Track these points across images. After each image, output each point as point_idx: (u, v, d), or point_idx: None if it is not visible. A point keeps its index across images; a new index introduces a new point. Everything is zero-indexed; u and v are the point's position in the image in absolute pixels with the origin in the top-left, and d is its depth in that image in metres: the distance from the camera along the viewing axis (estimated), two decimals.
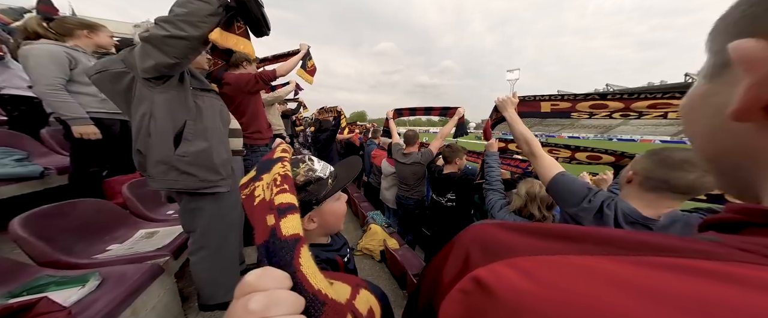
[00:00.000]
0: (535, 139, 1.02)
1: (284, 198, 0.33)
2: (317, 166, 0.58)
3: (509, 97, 1.23)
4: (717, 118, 0.19)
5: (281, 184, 0.37)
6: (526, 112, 1.34)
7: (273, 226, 0.29)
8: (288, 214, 0.30)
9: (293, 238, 0.27)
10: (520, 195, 1.36)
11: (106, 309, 0.88)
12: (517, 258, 0.16)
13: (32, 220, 1.15)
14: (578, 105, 1.23)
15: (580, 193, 0.81)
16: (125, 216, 1.55)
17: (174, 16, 0.94)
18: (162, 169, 1.13)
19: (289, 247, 0.26)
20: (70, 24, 1.76)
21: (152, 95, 1.09)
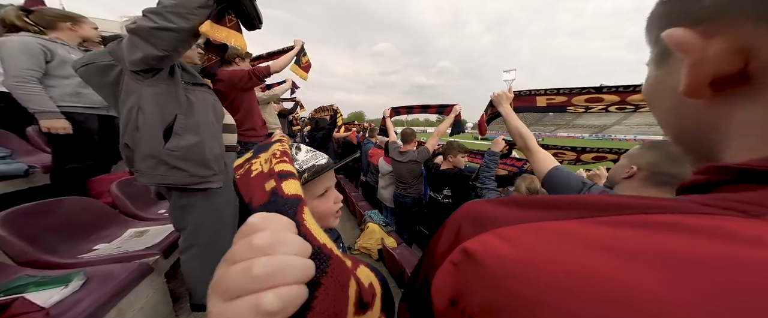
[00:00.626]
0: (531, 133, 1.02)
1: (285, 167, 0.32)
2: (300, 157, 0.55)
3: (504, 92, 1.22)
4: (674, 99, 0.20)
5: (281, 157, 0.35)
6: (521, 107, 1.34)
7: (274, 188, 0.27)
8: (290, 179, 0.29)
9: (295, 197, 0.25)
10: (519, 191, 1.35)
11: (90, 309, 0.84)
12: (502, 228, 0.17)
13: (12, 219, 1.10)
14: (574, 99, 1.23)
15: (575, 187, 0.81)
16: (113, 215, 1.50)
17: (162, 7, 0.91)
18: (151, 163, 1.09)
19: (292, 203, 0.24)
20: (51, 16, 1.69)
21: (141, 88, 1.05)
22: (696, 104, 0.18)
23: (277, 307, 0.14)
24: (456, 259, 0.18)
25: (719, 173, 0.16)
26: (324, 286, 0.17)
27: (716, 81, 0.16)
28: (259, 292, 0.14)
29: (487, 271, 0.15)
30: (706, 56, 0.16)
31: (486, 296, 0.15)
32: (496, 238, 0.16)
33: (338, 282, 0.19)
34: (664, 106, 0.22)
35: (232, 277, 0.15)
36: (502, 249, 0.16)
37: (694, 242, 0.12)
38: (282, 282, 0.15)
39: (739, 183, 0.15)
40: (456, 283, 0.17)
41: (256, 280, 0.14)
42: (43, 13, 1.69)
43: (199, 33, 1.00)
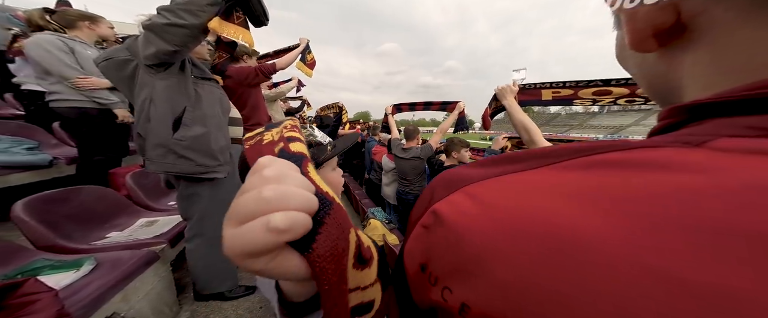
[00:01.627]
0: (536, 126, 0.99)
1: (294, 134, 0.33)
2: (318, 133, 0.60)
3: (508, 86, 1.19)
4: (635, 56, 0.21)
5: (291, 128, 0.37)
6: (526, 101, 1.30)
7: (281, 148, 0.28)
8: (296, 142, 0.30)
9: (300, 154, 0.26)
10: None
11: (96, 293, 0.88)
12: (469, 185, 0.17)
13: (34, 205, 1.18)
14: (581, 92, 1.17)
15: None
16: (126, 204, 1.58)
17: (175, 5, 0.97)
18: (160, 152, 1.15)
19: (297, 157, 0.25)
20: (71, 15, 1.81)
21: (153, 81, 1.11)
22: (651, 58, 0.19)
23: (285, 225, 0.15)
24: (426, 221, 0.18)
25: (675, 115, 0.17)
26: (327, 225, 0.18)
27: (658, 34, 0.16)
28: (269, 214, 0.15)
29: (450, 229, 0.16)
30: (638, 12, 0.16)
31: (450, 256, 0.15)
32: (463, 196, 0.16)
33: (339, 225, 0.19)
34: (631, 65, 0.23)
35: (244, 201, 0.16)
36: (465, 206, 0.16)
37: (629, 175, 0.12)
38: (288, 207, 0.16)
39: (693, 121, 0.15)
40: (425, 247, 0.18)
41: (267, 201, 0.15)
42: (65, 13, 1.81)
43: (208, 29, 1.05)
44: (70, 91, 1.74)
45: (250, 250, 0.15)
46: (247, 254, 0.15)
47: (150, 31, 1.00)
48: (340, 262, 0.19)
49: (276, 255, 0.16)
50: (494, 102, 1.33)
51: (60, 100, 1.76)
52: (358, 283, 0.23)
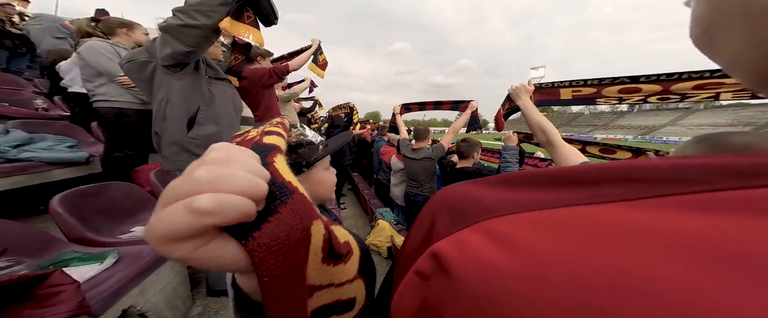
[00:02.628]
0: (553, 127, 0.92)
1: (275, 129, 0.32)
2: (308, 132, 0.58)
3: (523, 85, 1.12)
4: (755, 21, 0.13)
5: (276, 125, 0.36)
6: (544, 101, 1.22)
7: (255, 141, 0.27)
8: (274, 135, 0.29)
9: (271, 146, 0.25)
10: None
11: (116, 286, 0.94)
12: (492, 220, 0.12)
13: (69, 199, 1.28)
14: (605, 90, 1.05)
15: None
16: (150, 200, 1.68)
17: (188, 6, 1.00)
18: (175, 150, 1.20)
19: (266, 148, 0.24)
20: (112, 23, 1.98)
21: (170, 81, 1.16)
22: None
23: (208, 206, 0.13)
24: (424, 268, 0.14)
25: None
26: (280, 214, 0.17)
27: None
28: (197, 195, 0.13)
29: (466, 287, 0.11)
30: None
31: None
32: (480, 235, 0.12)
33: (298, 215, 0.18)
34: (735, 39, 0.15)
35: (174, 183, 0.14)
36: (489, 253, 0.11)
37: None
38: (223, 189, 0.14)
39: None
40: (420, 307, 0.13)
41: (196, 182, 0.14)
42: (107, 22, 1.99)
43: (220, 29, 1.07)
44: (113, 92, 1.91)
45: (169, 233, 0.13)
46: (166, 238, 0.13)
47: (166, 32, 1.04)
48: (290, 254, 0.17)
49: (205, 242, 0.14)
50: (508, 102, 1.26)
51: (103, 100, 1.94)
52: (330, 280, 0.21)
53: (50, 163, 1.76)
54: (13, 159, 1.64)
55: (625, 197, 0.09)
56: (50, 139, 1.92)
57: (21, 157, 1.67)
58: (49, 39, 4.20)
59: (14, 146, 1.71)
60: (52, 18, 4.54)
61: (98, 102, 1.96)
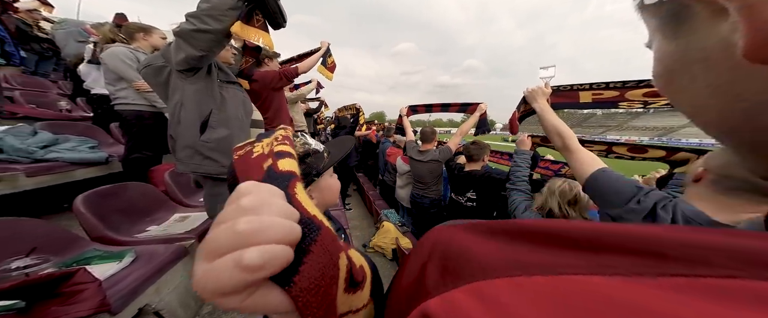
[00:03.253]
0: (571, 131, 0.90)
1: (284, 147, 0.32)
2: (312, 141, 0.58)
3: (540, 88, 1.10)
4: (715, 74, 0.13)
5: (282, 140, 0.36)
6: (561, 104, 1.19)
7: (270, 165, 0.28)
8: (286, 157, 0.29)
9: (289, 173, 0.26)
10: (542, 191, 1.22)
11: (134, 284, 0.99)
12: (485, 281, 0.11)
13: (91, 199, 1.35)
14: (628, 93, 1.01)
15: (626, 192, 0.68)
16: (164, 200, 1.75)
17: (200, 11, 1.02)
18: (188, 153, 1.23)
19: (284, 178, 0.25)
20: (131, 28, 2.07)
21: (184, 85, 1.19)
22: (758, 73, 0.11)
23: (258, 262, 0.13)
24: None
25: None
26: (313, 253, 0.17)
27: None
28: (243, 249, 0.14)
29: None
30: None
31: None
32: (471, 298, 0.11)
33: (328, 251, 0.18)
34: (701, 88, 0.15)
35: (216, 235, 0.15)
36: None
37: None
38: (265, 240, 0.14)
39: None
40: None
41: (240, 236, 0.14)
42: (127, 27, 2.08)
43: (231, 34, 1.09)
44: (134, 96, 2.00)
45: (222, 289, 0.13)
46: (219, 293, 0.14)
47: (179, 37, 1.07)
48: (327, 294, 0.17)
49: (252, 292, 0.14)
50: (523, 105, 1.23)
51: (124, 103, 2.03)
52: (349, 307, 0.22)
53: (73, 163, 1.85)
54: (40, 159, 1.73)
55: (637, 271, 0.08)
56: (73, 140, 2.02)
57: (47, 158, 1.76)
58: (73, 43, 4.40)
59: (41, 147, 1.80)
60: (75, 22, 4.76)
61: (120, 105, 2.06)
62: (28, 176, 1.61)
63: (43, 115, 2.72)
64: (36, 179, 1.65)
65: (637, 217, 0.65)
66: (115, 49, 1.94)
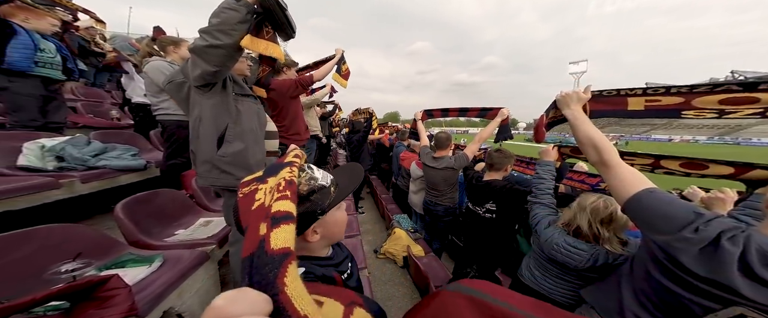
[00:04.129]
0: (610, 144, 0.78)
1: (282, 205, 0.32)
2: (318, 174, 0.57)
3: (576, 92, 0.96)
4: None
5: (284, 189, 0.36)
6: (601, 111, 1.01)
7: (263, 237, 0.28)
8: (282, 223, 0.29)
9: (281, 253, 0.25)
10: (571, 206, 1.10)
11: (160, 289, 1.08)
12: None
13: (129, 205, 1.50)
14: (698, 100, 0.82)
15: (680, 217, 0.58)
16: (191, 205, 1.89)
17: (211, 26, 1.04)
18: (207, 167, 1.29)
19: (275, 262, 0.25)
20: (164, 42, 2.23)
21: (202, 100, 1.23)
22: None
23: None
24: None
25: None
26: None
27: None
28: None
29: None
30: None
31: None
32: None
33: None
34: None
35: None
36: None
37: None
38: None
39: None
40: None
41: None
42: (160, 41, 2.24)
43: (242, 47, 1.10)
44: (175, 107, 2.17)
45: None
46: None
47: (194, 53, 1.09)
48: None
49: None
50: (553, 110, 1.09)
51: (165, 113, 2.22)
52: None
53: (118, 170, 2.08)
54: (92, 167, 1.97)
55: None
56: (119, 149, 2.27)
57: (98, 165, 2.00)
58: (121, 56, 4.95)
59: (93, 155, 2.05)
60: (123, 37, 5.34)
61: (161, 115, 2.25)
62: (83, 182, 1.84)
63: (98, 123, 3.10)
64: (89, 185, 1.87)
65: (693, 248, 0.55)
66: (155, 62, 2.11)
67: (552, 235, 1.11)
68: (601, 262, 0.98)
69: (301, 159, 0.57)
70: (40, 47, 2.13)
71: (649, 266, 0.67)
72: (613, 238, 0.98)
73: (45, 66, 2.17)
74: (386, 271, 2.09)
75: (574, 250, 1.03)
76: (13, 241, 1.02)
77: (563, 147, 1.41)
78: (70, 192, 1.76)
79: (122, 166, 2.11)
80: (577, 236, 1.06)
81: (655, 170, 1.25)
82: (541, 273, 1.20)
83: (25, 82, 2.11)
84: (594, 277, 1.02)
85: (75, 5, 3.90)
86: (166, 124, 2.26)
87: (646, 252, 0.69)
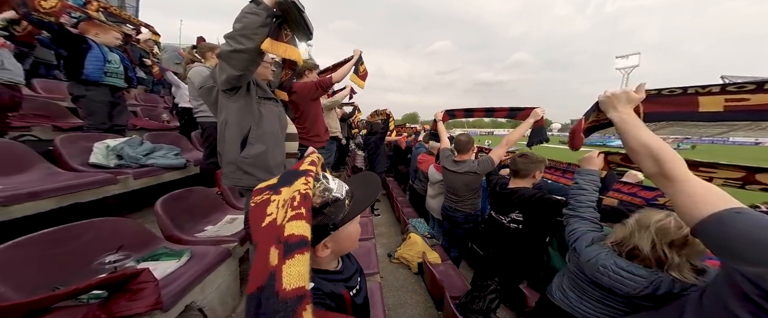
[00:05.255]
0: (674, 152, 0.64)
1: (297, 228, 0.30)
2: (333, 185, 0.54)
3: (626, 91, 0.80)
4: None
5: (298, 206, 0.34)
6: (662, 114, 0.83)
7: (273, 270, 0.26)
8: (296, 253, 0.27)
9: (295, 297, 0.23)
10: (626, 223, 0.93)
11: (185, 283, 1.17)
12: None
13: (167, 202, 1.67)
14: None
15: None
16: (220, 202, 2.05)
17: (234, 31, 1.09)
18: (231, 168, 1.36)
19: (288, 310, 0.22)
20: (204, 48, 2.44)
21: (228, 104, 1.30)
22: None
23: None
24: None
25: None
26: None
27: None
28: None
29: None
30: None
31: None
32: None
33: None
34: None
35: None
36: None
37: None
38: None
39: None
40: None
41: None
42: (201, 47, 2.46)
43: (263, 51, 1.14)
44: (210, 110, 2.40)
45: None
46: None
47: (221, 58, 1.15)
48: None
49: None
50: (595, 113, 0.93)
51: (205, 116, 2.43)
52: None
53: (164, 168, 2.33)
54: (143, 165, 2.24)
55: None
56: (165, 148, 2.55)
57: (148, 163, 2.27)
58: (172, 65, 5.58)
59: (144, 154, 2.33)
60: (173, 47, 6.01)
61: (201, 117, 2.47)
62: (135, 179, 2.09)
63: (152, 126, 3.53)
64: (140, 181, 2.13)
65: None
66: (197, 68, 2.30)
67: (598, 255, 0.95)
68: (663, 290, 0.80)
69: (317, 164, 0.55)
70: (108, 59, 2.47)
71: (729, 302, 0.53)
72: (684, 264, 0.80)
73: (112, 75, 2.51)
74: (399, 276, 2.04)
75: (627, 275, 0.86)
76: (74, 232, 1.19)
77: (612, 155, 1.19)
78: (125, 187, 2.02)
79: (166, 164, 2.36)
80: (631, 258, 0.89)
81: (747, 186, 0.99)
82: (578, 295, 1.04)
83: (98, 90, 2.46)
84: (647, 306, 0.85)
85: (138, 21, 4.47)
86: (205, 126, 2.48)
87: (728, 284, 0.55)
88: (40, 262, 1.04)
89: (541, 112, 1.75)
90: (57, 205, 1.57)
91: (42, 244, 1.08)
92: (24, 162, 1.78)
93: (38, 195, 1.49)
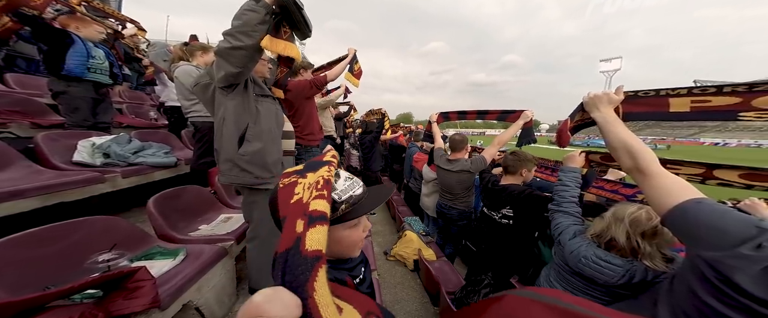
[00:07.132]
0: (648, 150, 0.70)
1: (319, 205, 0.35)
2: (339, 185, 0.52)
3: (607, 93, 0.88)
4: None
5: (322, 188, 0.39)
6: (639, 113, 0.91)
7: (299, 235, 0.30)
8: (317, 224, 0.32)
9: (314, 256, 0.28)
10: (604, 216, 1.00)
11: (180, 282, 1.16)
12: None
13: (159, 201, 1.63)
14: (758, 100, 0.72)
15: (738, 232, 0.52)
16: (214, 201, 2.02)
17: (233, 28, 1.08)
18: (228, 165, 1.35)
19: (308, 265, 0.27)
20: (194, 48, 2.39)
21: (225, 101, 1.29)
22: None
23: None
24: None
25: None
26: None
27: None
28: None
29: None
30: None
31: None
32: None
33: None
34: None
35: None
36: None
37: None
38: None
39: None
40: None
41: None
42: (190, 47, 2.40)
43: (262, 48, 1.14)
44: (205, 109, 2.34)
45: None
46: None
47: (218, 55, 1.14)
48: None
49: None
50: (580, 113, 1.01)
51: (198, 116, 2.38)
52: None
53: (153, 166, 2.27)
54: (132, 163, 2.17)
55: None
56: (154, 146, 2.48)
57: (136, 162, 2.20)
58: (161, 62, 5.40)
59: (133, 152, 2.26)
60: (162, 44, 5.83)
61: (194, 117, 2.41)
62: (124, 177, 2.03)
63: (139, 123, 3.42)
64: (128, 180, 2.07)
65: (753, 267, 0.49)
66: (185, 67, 2.25)
67: (579, 247, 1.02)
68: (638, 278, 0.88)
69: (336, 160, 0.57)
70: (91, 54, 2.37)
71: (693, 285, 0.60)
72: (656, 253, 0.87)
73: (96, 71, 2.42)
74: (396, 273, 2.08)
75: (605, 265, 0.94)
76: (64, 230, 1.16)
77: (592, 153, 1.28)
78: (113, 186, 1.95)
79: (156, 163, 2.30)
80: (609, 249, 0.97)
81: (707, 181, 1.08)
82: (563, 286, 1.11)
83: (80, 87, 2.37)
84: (626, 294, 0.92)
85: (123, 16, 4.31)
86: (199, 126, 2.41)
87: (691, 269, 0.62)
88: (28, 262, 1.01)
89: (531, 114, 1.85)
90: (41, 205, 1.51)
91: (29, 243, 1.04)
92: (3, 160, 1.69)
93: (21, 194, 1.43)
